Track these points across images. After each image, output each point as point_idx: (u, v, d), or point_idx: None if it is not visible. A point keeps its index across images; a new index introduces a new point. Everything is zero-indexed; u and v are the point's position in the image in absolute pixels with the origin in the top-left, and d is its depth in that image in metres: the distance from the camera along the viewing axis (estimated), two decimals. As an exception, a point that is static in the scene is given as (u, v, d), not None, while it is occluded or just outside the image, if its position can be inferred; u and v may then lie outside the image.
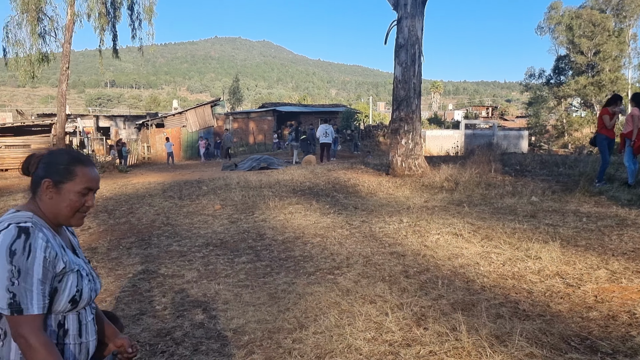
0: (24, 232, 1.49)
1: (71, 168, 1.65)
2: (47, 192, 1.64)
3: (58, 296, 1.55)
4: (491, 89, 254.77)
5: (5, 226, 1.51)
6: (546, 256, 5.05)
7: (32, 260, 1.46)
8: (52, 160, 1.67)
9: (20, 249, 1.46)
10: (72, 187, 1.65)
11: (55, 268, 1.53)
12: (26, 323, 1.45)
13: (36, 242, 1.49)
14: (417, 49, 11.51)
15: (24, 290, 1.45)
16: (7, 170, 20.90)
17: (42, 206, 1.65)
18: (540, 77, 50.77)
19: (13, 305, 1.44)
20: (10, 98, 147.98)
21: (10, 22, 22.82)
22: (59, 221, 1.68)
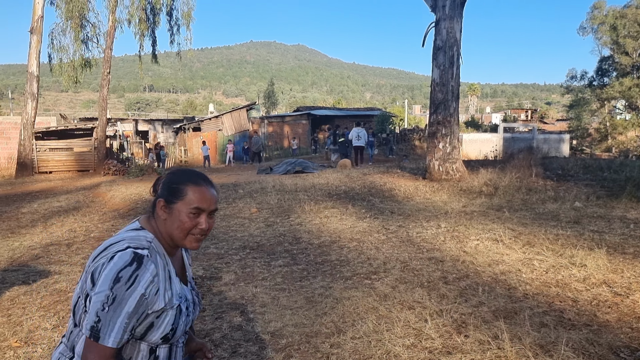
0: (137, 260, 1.47)
1: (181, 187, 1.61)
2: (161, 212, 1.62)
3: (152, 330, 1.53)
4: (530, 91, 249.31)
5: (124, 248, 1.50)
6: (592, 264, 4.87)
7: (130, 292, 1.44)
8: (168, 179, 1.66)
9: (126, 277, 1.44)
10: (182, 207, 1.59)
11: (150, 307, 1.50)
12: (97, 351, 1.43)
13: (144, 275, 1.47)
14: (456, 51, 11.35)
15: (109, 320, 1.42)
16: (51, 173, 21.61)
17: (160, 227, 1.63)
18: (583, 78, 49.38)
19: (94, 329, 1.43)
20: (54, 102, 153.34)
21: (55, 29, 23.72)
22: (174, 242, 1.65)
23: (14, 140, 23.28)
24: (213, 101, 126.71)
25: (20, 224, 9.38)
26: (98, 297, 1.43)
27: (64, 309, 4.49)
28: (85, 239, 7.75)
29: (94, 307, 1.43)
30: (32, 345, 3.75)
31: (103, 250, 1.53)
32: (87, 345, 1.44)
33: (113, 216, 9.56)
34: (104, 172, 19.62)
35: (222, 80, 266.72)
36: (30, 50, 20.98)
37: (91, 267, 1.51)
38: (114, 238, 1.57)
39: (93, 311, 1.43)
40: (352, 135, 19.43)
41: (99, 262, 1.49)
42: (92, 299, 1.44)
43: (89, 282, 1.49)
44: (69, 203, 11.51)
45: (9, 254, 6.89)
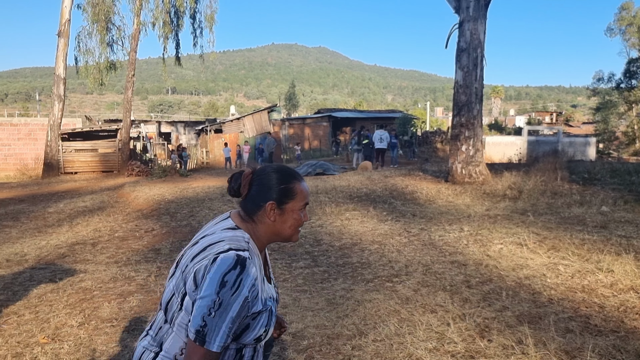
0: (240, 264, 1.46)
1: (290, 187, 1.63)
2: (271, 215, 1.61)
3: (247, 332, 1.53)
4: (555, 93, 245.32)
5: (225, 249, 1.49)
6: (619, 269, 4.77)
7: (235, 297, 1.44)
8: (269, 180, 1.64)
9: (231, 282, 1.44)
10: (294, 206, 1.63)
11: (251, 309, 1.51)
12: (202, 355, 1.43)
13: (247, 278, 1.46)
14: (480, 53, 11.25)
15: (215, 325, 1.42)
16: (76, 173, 21.99)
17: (261, 228, 1.63)
18: (610, 81, 48.34)
19: (200, 333, 1.42)
20: (80, 104, 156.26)
21: (82, 32, 24.15)
22: (276, 240, 1.67)
23: (41, 142, 23.78)
24: (234, 103, 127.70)
25: (47, 223, 9.57)
26: (204, 302, 1.43)
27: (89, 307, 4.56)
28: (109, 238, 7.88)
29: (199, 311, 1.43)
30: (59, 341, 3.82)
31: (202, 251, 1.52)
32: (193, 349, 1.44)
33: (137, 216, 9.69)
34: (128, 173, 19.90)
35: (243, 82, 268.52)
36: (58, 53, 21.41)
37: (191, 268, 1.50)
38: (212, 238, 1.56)
39: (199, 315, 1.43)
40: (375, 138, 19.54)
41: (201, 263, 1.49)
42: (196, 302, 1.44)
43: (191, 283, 1.49)
44: (94, 203, 11.71)
45: (37, 253, 7.04)
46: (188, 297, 1.49)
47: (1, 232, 8.78)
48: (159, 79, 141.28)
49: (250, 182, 1.65)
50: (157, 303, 4.61)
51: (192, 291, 1.48)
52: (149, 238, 7.76)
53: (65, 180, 19.51)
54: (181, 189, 12.38)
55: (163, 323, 1.59)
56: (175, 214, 9.44)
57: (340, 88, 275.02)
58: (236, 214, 1.67)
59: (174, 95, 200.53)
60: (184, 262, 1.55)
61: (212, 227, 1.64)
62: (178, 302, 1.52)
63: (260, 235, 1.63)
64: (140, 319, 4.21)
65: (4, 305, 4.72)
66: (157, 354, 1.55)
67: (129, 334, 3.93)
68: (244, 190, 1.65)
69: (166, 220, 9.04)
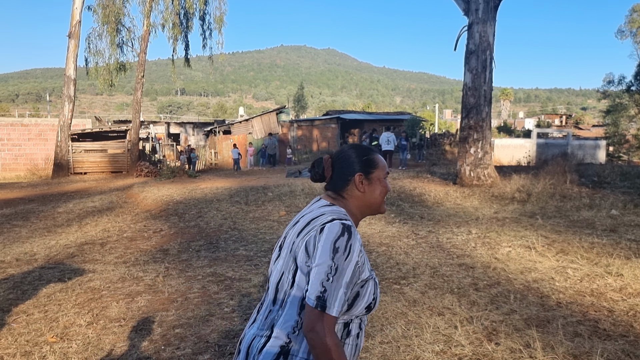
0: (347, 230, 1.52)
1: (371, 157, 1.73)
2: (360, 186, 1.69)
3: (358, 301, 1.56)
4: (565, 96, 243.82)
5: (329, 220, 1.55)
6: (629, 273, 4.74)
7: (348, 262, 1.48)
8: (349, 156, 1.73)
9: (342, 247, 1.49)
10: (379, 174, 1.72)
11: (360, 275, 1.55)
12: (324, 320, 1.45)
13: (355, 244, 1.51)
14: (489, 55, 11.21)
15: (333, 290, 1.46)
16: (86, 174, 22.14)
17: (353, 202, 1.71)
18: (620, 83, 47.89)
19: (320, 299, 1.45)
20: (89, 105, 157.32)
21: (92, 33, 24.34)
22: (368, 213, 1.75)
23: (51, 142, 23.98)
24: (243, 104, 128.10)
25: (56, 223, 9.64)
26: (321, 268, 1.47)
27: (97, 307, 4.59)
28: (118, 238, 7.92)
29: (317, 277, 1.47)
30: (67, 340, 3.85)
31: (306, 226, 1.59)
32: (314, 315, 1.46)
33: (145, 217, 9.74)
34: (137, 174, 20.00)
35: (252, 84, 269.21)
36: (68, 54, 21.59)
37: (300, 242, 1.56)
38: (313, 213, 1.63)
39: (317, 282, 1.46)
40: (382, 140, 19.62)
41: (309, 235, 1.55)
42: (312, 270, 1.48)
43: (302, 256, 1.54)
44: (103, 203, 11.78)
45: (46, 252, 7.09)
46: (300, 271, 1.54)
47: (11, 232, 8.86)
48: (168, 80, 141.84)
49: (332, 164, 1.74)
50: (164, 303, 4.64)
51: (304, 263, 1.53)
52: (157, 238, 7.80)
53: (74, 180, 19.65)
54: (189, 190, 12.43)
55: (272, 305, 1.62)
56: (184, 215, 9.48)
57: (349, 90, 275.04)
58: (326, 196, 1.74)
59: (183, 97, 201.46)
60: (290, 241, 1.62)
61: (307, 209, 1.70)
62: (289, 280, 1.57)
63: (353, 210, 1.70)
64: (148, 319, 4.23)
65: (13, 304, 4.76)
66: (269, 337, 1.57)
67: (137, 333, 3.95)
68: (328, 172, 1.74)
69: (174, 221, 9.08)
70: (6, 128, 25.40)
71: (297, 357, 1.51)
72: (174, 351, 3.59)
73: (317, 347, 1.44)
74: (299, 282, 1.54)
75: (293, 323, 1.54)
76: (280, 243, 1.69)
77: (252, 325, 1.66)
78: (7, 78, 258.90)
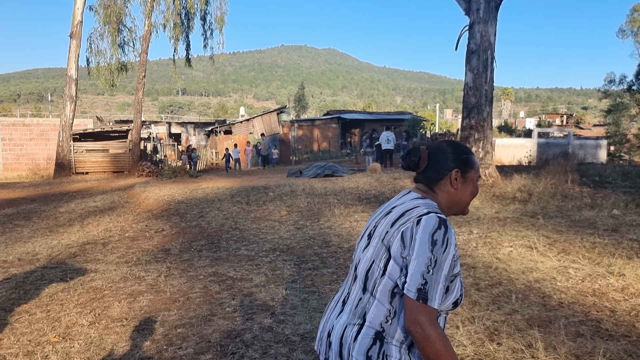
0: (443, 224, 1.51)
1: (470, 157, 1.73)
2: (455, 183, 1.69)
3: (447, 296, 1.56)
4: (566, 95, 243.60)
5: (425, 212, 1.55)
6: (630, 273, 4.73)
7: (446, 255, 1.48)
8: (448, 152, 1.72)
9: (440, 240, 1.48)
10: (473, 175, 1.72)
11: (454, 269, 1.54)
12: (427, 313, 1.45)
13: (451, 238, 1.51)
14: (490, 55, 11.20)
15: (434, 282, 1.46)
16: (87, 173, 22.17)
17: (443, 197, 1.70)
18: (621, 83, 47.81)
19: (421, 291, 1.45)
20: (91, 105, 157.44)
21: (94, 33, 24.38)
22: (454, 211, 1.76)
23: (52, 142, 24.01)
24: (244, 104, 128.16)
25: (58, 223, 9.66)
26: (421, 260, 1.47)
27: (99, 306, 4.60)
28: (120, 238, 7.93)
29: (417, 269, 1.46)
30: (69, 340, 3.86)
31: (400, 217, 1.58)
32: (416, 308, 1.45)
33: (147, 217, 9.75)
34: (138, 174, 20.03)
35: (253, 83, 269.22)
36: (70, 54, 21.62)
37: (395, 232, 1.55)
38: (406, 205, 1.63)
39: (417, 274, 1.46)
40: (382, 139, 19.71)
41: (405, 226, 1.54)
42: (411, 263, 1.48)
43: (397, 246, 1.53)
44: (105, 203, 11.80)
45: (48, 252, 7.10)
46: (393, 261, 1.54)
47: (13, 232, 8.87)
48: (169, 80, 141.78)
49: (428, 156, 1.73)
50: (166, 303, 4.64)
51: (399, 253, 1.53)
52: (159, 238, 7.80)
53: (76, 180, 19.67)
54: (191, 190, 12.44)
55: (362, 294, 1.62)
56: (185, 215, 9.49)
57: (350, 90, 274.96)
58: (416, 189, 1.74)
59: (184, 97, 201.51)
60: (382, 230, 1.61)
61: (398, 200, 1.70)
62: (380, 269, 1.57)
63: (442, 205, 1.69)
64: (150, 319, 4.24)
65: (16, 303, 4.77)
66: (361, 326, 1.57)
67: (139, 333, 3.96)
68: (424, 163, 1.73)
69: (176, 220, 9.09)
70: (8, 128, 25.44)
71: (392, 345, 1.52)
72: (176, 351, 3.60)
73: (422, 340, 1.44)
74: (390, 272, 1.54)
75: (385, 312, 1.55)
76: (369, 232, 1.69)
77: (340, 315, 1.66)
78: (8, 78, 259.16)
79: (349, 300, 1.66)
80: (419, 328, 1.44)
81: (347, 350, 1.56)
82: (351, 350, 1.55)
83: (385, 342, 1.53)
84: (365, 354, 1.52)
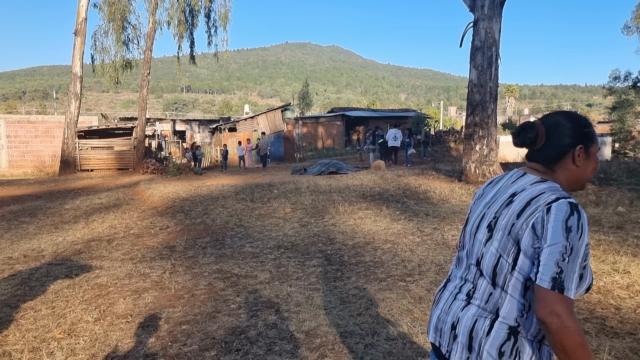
0: (576, 209, 1.44)
1: (592, 130, 1.62)
2: (577, 160, 1.59)
3: (581, 283, 1.50)
4: (571, 92, 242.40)
5: (554, 198, 1.47)
6: (636, 271, 4.72)
7: (581, 242, 1.42)
8: (567, 126, 1.61)
9: (575, 227, 1.41)
10: (595, 150, 1.62)
11: (587, 257, 1.48)
12: (563, 302, 1.38)
13: (585, 223, 1.44)
14: (494, 52, 11.16)
15: (569, 271, 1.39)
16: (92, 171, 22.22)
17: (563, 176, 1.61)
18: (627, 79, 47.46)
19: (556, 280, 1.39)
20: (96, 102, 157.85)
21: (98, 30, 24.42)
22: (573, 189, 1.66)
23: (57, 139, 24.10)
24: (248, 102, 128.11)
25: (63, 220, 9.70)
26: (555, 249, 1.40)
27: (104, 303, 4.62)
28: (125, 235, 7.96)
29: (552, 258, 1.40)
30: (74, 337, 3.87)
31: (526, 206, 1.51)
32: (551, 298, 1.39)
33: (152, 214, 9.78)
34: (143, 171, 20.07)
35: (257, 81, 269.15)
36: (74, 52, 21.66)
37: (523, 225, 1.49)
38: (528, 193, 1.54)
39: (552, 263, 1.40)
40: (389, 136, 19.72)
41: (534, 216, 1.47)
42: (544, 251, 1.42)
43: (528, 239, 1.47)
44: (110, 200, 11.83)
45: (53, 249, 7.13)
46: (523, 255, 1.48)
47: (19, 228, 8.91)
48: (174, 77, 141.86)
49: (545, 132, 1.63)
50: (171, 300, 4.66)
51: (531, 245, 1.46)
52: (163, 235, 7.82)
53: (81, 177, 19.74)
54: (195, 187, 12.46)
55: (492, 289, 1.56)
56: (190, 212, 9.50)
57: (354, 87, 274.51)
58: (532, 170, 1.65)
59: (188, 94, 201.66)
60: (507, 222, 1.54)
61: (515, 185, 1.62)
62: (509, 264, 1.51)
63: (562, 185, 1.61)
64: (154, 315, 4.25)
65: (21, 300, 4.80)
66: (494, 320, 1.53)
67: (144, 330, 3.97)
68: (542, 140, 1.62)
69: (181, 217, 9.11)
70: (13, 125, 25.54)
71: (526, 340, 1.50)
72: (180, 347, 3.61)
73: (560, 331, 1.37)
74: (521, 266, 1.48)
75: (520, 306, 1.50)
76: (488, 223, 1.61)
77: (466, 308, 1.61)
78: (14, 75, 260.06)
79: (476, 294, 1.60)
80: (556, 319, 1.36)
81: (479, 343, 1.53)
82: (483, 344, 1.52)
83: (519, 337, 1.50)
84: (498, 348, 1.50)
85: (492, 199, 1.66)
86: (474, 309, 1.59)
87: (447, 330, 1.63)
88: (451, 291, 1.71)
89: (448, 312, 1.66)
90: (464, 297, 1.64)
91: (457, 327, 1.60)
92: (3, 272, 5.87)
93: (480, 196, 1.77)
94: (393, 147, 19.81)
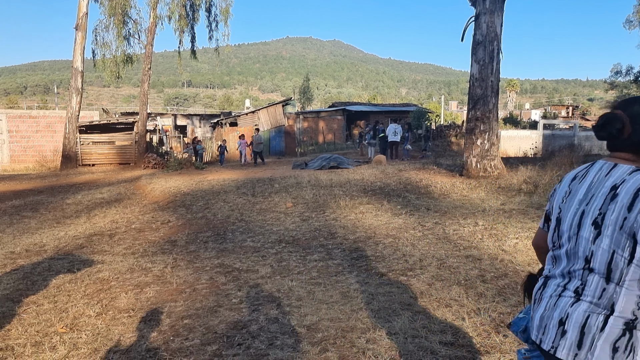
0: None
1: None
2: None
3: None
4: (572, 87, 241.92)
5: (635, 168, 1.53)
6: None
7: None
8: None
9: None
10: None
11: None
12: None
13: None
14: (496, 46, 11.12)
15: None
16: (93, 165, 22.23)
17: None
18: (628, 74, 47.34)
19: None
20: (97, 97, 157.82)
21: (99, 25, 24.39)
22: None
23: (59, 134, 24.07)
24: (249, 96, 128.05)
25: (65, 215, 9.71)
26: None
27: (106, 297, 4.63)
28: (126, 230, 7.97)
29: None
30: (77, 331, 3.89)
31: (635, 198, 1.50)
32: None
33: (153, 208, 9.79)
34: (144, 166, 20.07)
35: (258, 75, 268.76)
36: (75, 47, 21.62)
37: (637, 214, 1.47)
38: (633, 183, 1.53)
39: None
40: (389, 131, 19.73)
41: None
42: None
43: None
44: (111, 195, 11.85)
45: (55, 243, 7.15)
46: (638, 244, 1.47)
47: (20, 223, 8.93)
48: (175, 72, 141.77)
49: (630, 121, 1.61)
50: (173, 294, 4.67)
51: None
52: (165, 230, 7.84)
53: (82, 172, 19.75)
54: (197, 182, 12.47)
55: (606, 284, 1.55)
56: (191, 206, 9.52)
57: (355, 81, 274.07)
58: (619, 159, 1.65)
59: (189, 89, 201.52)
60: (617, 217, 1.52)
61: (613, 178, 1.61)
62: (625, 259, 1.50)
63: None
64: (156, 310, 4.26)
65: (23, 294, 4.81)
66: (608, 316, 1.53)
67: (146, 324, 3.98)
68: (628, 130, 1.62)
69: (182, 212, 9.12)
70: (15, 120, 25.51)
71: None
72: (182, 342, 3.62)
73: None
74: (638, 259, 1.48)
75: (636, 298, 1.49)
76: (593, 219, 1.59)
77: (576, 304, 1.60)
78: (15, 70, 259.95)
79: (587, 290, 1.59)
80: None
81: (591, 339, 1.53)
82: (596, 340, 1.52)
83: (635, 332, 1.50)
84: (612, 344, 1.50)
85: (587, 195, 1.64)
86: (585, 305, 1.58)
87: (552, 327, 1.62)
88: (554, 289, 1.70)
89: (554, 308, 1.64)
90: (572, 294, 1.63)
91: (565, 322, 1.59)
92: (5, 267, 5.89)
93: (567, 193, 1.74)
94: (393, 141, 19.84)
